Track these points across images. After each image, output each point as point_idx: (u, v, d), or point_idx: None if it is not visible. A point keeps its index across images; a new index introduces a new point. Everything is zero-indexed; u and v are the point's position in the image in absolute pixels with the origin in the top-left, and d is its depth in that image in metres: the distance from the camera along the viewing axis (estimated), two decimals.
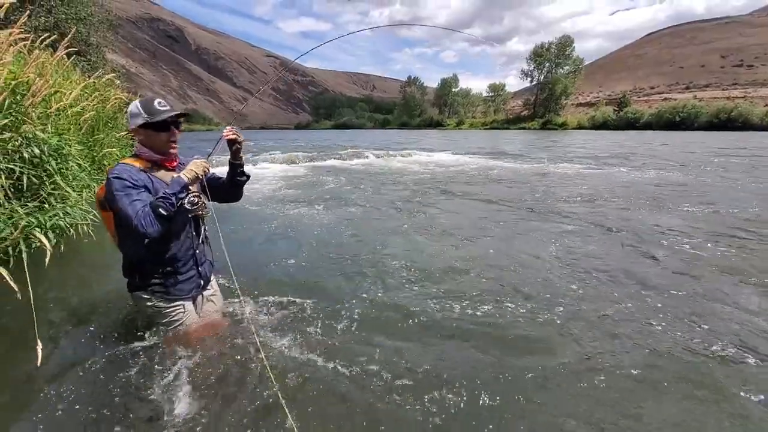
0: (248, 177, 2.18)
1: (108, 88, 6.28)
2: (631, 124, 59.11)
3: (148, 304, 1.93)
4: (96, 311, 2.48)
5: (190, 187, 1.77)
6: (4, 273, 2.16)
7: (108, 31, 15.03)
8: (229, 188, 2.13)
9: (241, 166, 2.09)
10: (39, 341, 1.86)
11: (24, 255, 2.58)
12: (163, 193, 1.67)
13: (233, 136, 1.97)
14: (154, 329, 2.02)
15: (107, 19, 14.75)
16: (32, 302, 2.05)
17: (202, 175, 1.79)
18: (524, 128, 68.66)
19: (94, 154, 4.95)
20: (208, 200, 2.00)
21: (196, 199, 1.80)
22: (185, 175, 1.73)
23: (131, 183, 1.68)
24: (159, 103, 1.79)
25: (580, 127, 64.87)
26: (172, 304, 1.95)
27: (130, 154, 1.90)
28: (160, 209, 1.62)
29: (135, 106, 1.78)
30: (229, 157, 2.05)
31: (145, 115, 1.75)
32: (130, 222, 1.60)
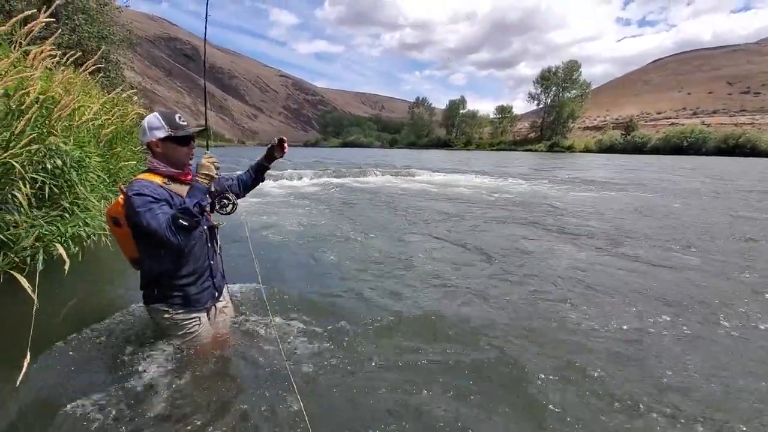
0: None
1: (126, 104, 6.48)
2: (639, 148, 59.21)
3: (165, 316, 1.95)
4: (106, 320, 2.51)
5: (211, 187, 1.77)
6: (21, 279, 2.20)
7: (127, 49, 15.56)
8: (243, 188, 2.29)
9: (268, 169, 2.32)
10: (28, 354, 1.75)
11: (39, 263, 2.64)
12: (183, 204, 1.69)
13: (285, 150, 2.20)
14: (168, 341, 2.04)
15: (127, 38, 15.27)
16: (34, 312, 2.06)
17: (216, 174, 1.77)
18: (531, 150, 68.96)
19: (111, 166, 5.08)
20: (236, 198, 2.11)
21: (226, 201, 1.84)
22: (200, 180, 1.73)
23: (153, 198, 1.69)
24: (179, 117, 1.84)
25: (587, 150, 65.08)
26: (190, 316, 1.98)
27: (144, 170, 1.89)
28: (180, 220, 1.64)
29: (156, 118, 1.79)
30: (262, 159, 2.23)
31: (168, 129, 1.78)
32: (156, 235, 1.64)
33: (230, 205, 1.91)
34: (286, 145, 2.20)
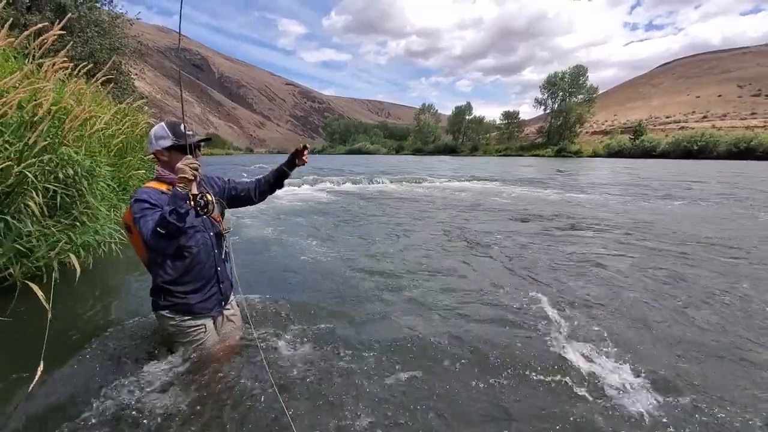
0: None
1: (136, 114, 6.59)
2: (648, 152, 58.57)
3: (171, 323, 1.96)
4: (116, 328, 2.53)
5: (193, 192, 1.71)
6: (37, 290, 2.23)
7: (138, 60, 15.85)
8: (258, 193, 2.26)
9: (288, 175, 2.25)
10: (42, 362, 1.81)
11: (55, 273, 2.67)
12: (163, 212, 1.67)
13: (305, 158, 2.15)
14: (174, 348, 2.05)
15: (138, 50, 15.56)
16: (48, 321, 2.08)
17: (192, 176, 1.65)
18: (538, 155, 68.64)
19: (122, 175, 5.16)
20: (224, 207, 2.15)
21: (202, 201, 1.72)
22: (178, 186, 1.66)
23: (149, 204, 1.75)
24: (184, 127, 1.89)
25: (595, 154, 64.61)
26: (195, 323, 1.98)
27: (151, 177, 1.95)
28: (158, 228, 1.65)
29: (162, 128, 1.87)
30: (284, 165, 2.19)
31: (173, 138, 1.84)
32: (145, 241, 1.70)
33: (208, 205, 1.76)
34: (306, 152, 2.15)
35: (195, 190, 1.73)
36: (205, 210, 1.74)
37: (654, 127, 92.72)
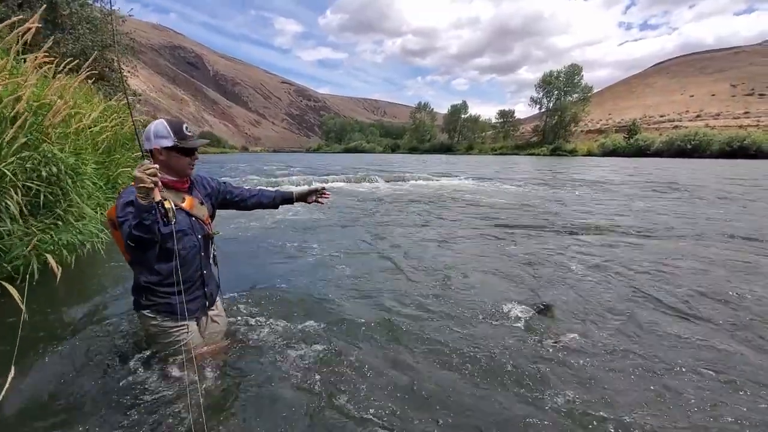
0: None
1: (127, 111, 6.49)
2: (642, 151, 58.87)
3: (153, 323, 1.91)
4: (95, 328, 2.47)
5: (156, 199, 1.59)
6: (12, 290, 2.16)
7: (132, 57, 15.67)
8: (253, 204, 2.32)
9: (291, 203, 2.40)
10: (13, 368, 1.68)
11: (35, 273, 2.60)
12: (129, 224, 1.60)
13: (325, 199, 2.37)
14: (155, 348, 2.00)
15: (130, 47, 15.37)
16: (21, 322, 2.02)
17: (152, 183, 1.53)
18: (533, 154, 68.82)
19: (110, 173, 5.07)
20: (214, 209, 2.15)
21: (163, 210, 1.68)
22: (138, 197, 1.55)
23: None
24: (186, 128, 1.85)
25: (589, 153, 64.83)
26: (177, 324, 1.93)
27: None
28: (128, 241, 1.63)
29: (163, 126, 1.77)
30: (294, 194, 2.35)
31: (175, 139, 1.77)
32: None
33: (168, 213, 1.71)
34: (326, 195, 2.36)
35: (158, 197, 1.61)
36: (165, 219, 1.70)
37: (648, 126, 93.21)
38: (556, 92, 77.83)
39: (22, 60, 3.57)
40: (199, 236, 1.96)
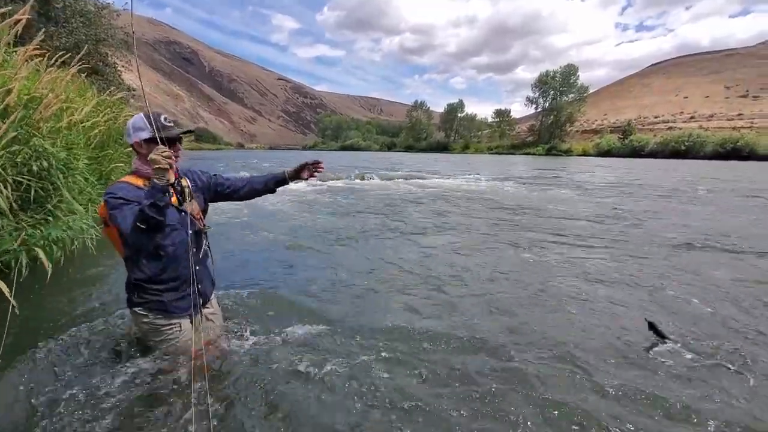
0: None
1: (121, 105, 6.43)
2: (636, 152, 59.27)
3: (145, 320, 1.89)
4: (87, 325, 2.43)
5: (170, 180, 1.62)
6: (2, 284, 2.13)
7: (126, 52, 15.48)
8: (246, 193, 2.20)
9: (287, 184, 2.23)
10: None
11: (23, 268, 2.57)
12: (142, 206, 1.59)
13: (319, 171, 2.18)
14: (148, 346, 1.98)
15: (124, 41, 15.19)
16: (9, 315, 2.00)
17: (167, 164, 1.57)
18: (529, 153, 69.03)
19: (102, 168, 5.02)
20: (206, 203, 2.09)
21: (179, 188, 1.74)
22: (154, 178, 1.58)
23: (124, 200, 1.67)
24: (165, 119, 1.79)
25: (584, 153, 65.15)
26: (169, 322, 1.91)
27: (128, 171, 1.87)
28: (138, 223, 1.58)
29: (140, 119, 1.76)
30: (287, 173, 2.17)
31: (152, 130, 1.72)
32: (124, 237, 1.65)
33: (185, 190, 1.77)
34: (320, 167, 2.18)
35: (172, 179, 1.64)
36: (182, 196, 1.74)
37: (643, 127, 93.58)
38: (552, 92, 78.10)
39: (13, 52, 3.51)
40: (190, 231, 1.90)
